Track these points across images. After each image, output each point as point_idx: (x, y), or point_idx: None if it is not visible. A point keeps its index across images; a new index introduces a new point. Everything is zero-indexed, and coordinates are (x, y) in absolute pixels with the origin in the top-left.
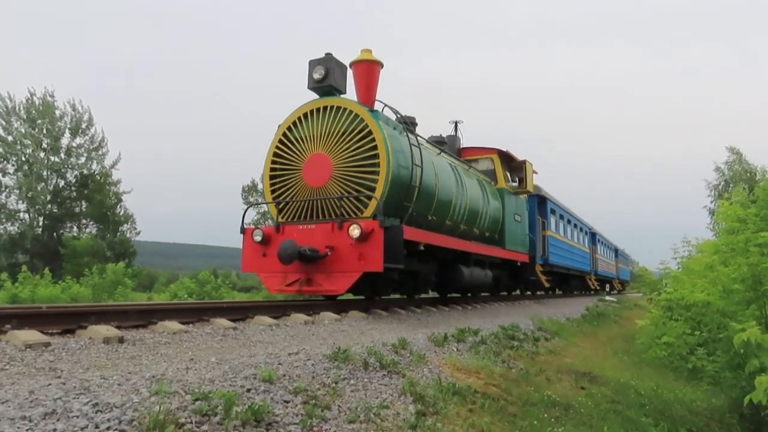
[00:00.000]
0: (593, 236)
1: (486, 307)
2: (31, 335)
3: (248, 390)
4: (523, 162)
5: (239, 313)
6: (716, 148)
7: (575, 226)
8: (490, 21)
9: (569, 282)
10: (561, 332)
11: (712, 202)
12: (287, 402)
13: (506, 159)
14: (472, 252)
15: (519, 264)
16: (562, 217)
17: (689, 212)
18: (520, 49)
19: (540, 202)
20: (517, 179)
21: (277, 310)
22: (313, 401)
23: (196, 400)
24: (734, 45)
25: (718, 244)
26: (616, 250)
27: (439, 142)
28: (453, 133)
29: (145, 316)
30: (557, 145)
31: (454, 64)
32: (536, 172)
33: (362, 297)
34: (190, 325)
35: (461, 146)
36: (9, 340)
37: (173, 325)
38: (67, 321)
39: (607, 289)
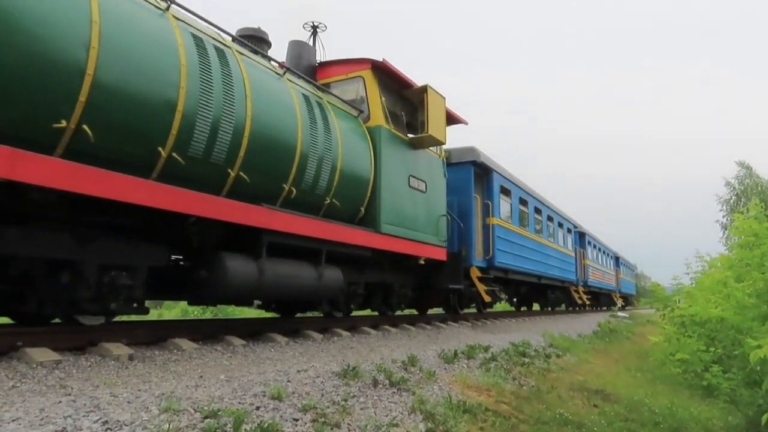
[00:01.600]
0: (581, 237)
1: (497, 323)
2: (43, 353)
3: (257, 408)
4: (423, 90)
5: (250, 329)
6: (726, 161)
7: (550, 219)
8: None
9: (545, 294)
10: (572, 349)
11: (724, 216)
12: (296, 420)
13: (389, 81)
14: (261, 228)
15: (422, 262)
16: (524, 202)
17: (701, 226)
18: (525, 66)
19: (480, 173)
20: (418, 121)
21: (289, 326)
22: (323, 419)
23: (206, 417)
24: (747, 58)
25: (731, 259)
26: (617, 258)
27: (253, 38)
28: (310, 42)
29: (155, 333)
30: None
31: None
32: (464, 122)
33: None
34: (200, 342)
35: (320, 61)
36: (20, 357)
37: (183, 342)
38: (77, 338)
39: (619, 305)
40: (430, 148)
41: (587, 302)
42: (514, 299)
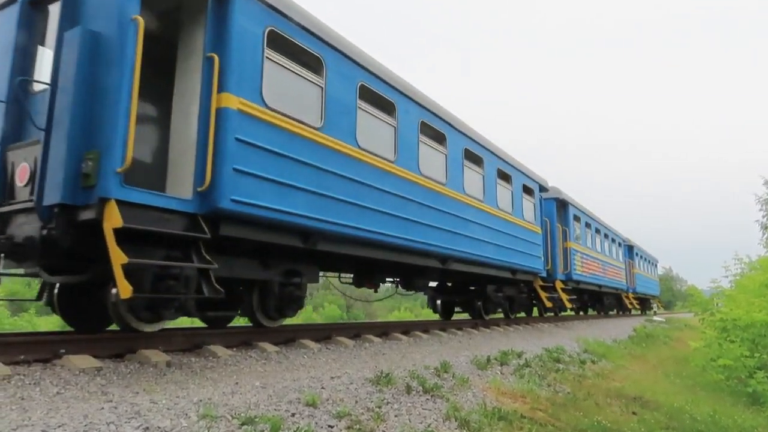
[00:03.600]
0: (561, 206)
1: (528, 328)
2: (84, 360)
3: (292, 414)
4: None
5: (282, 336)
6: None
7: (474, 159)
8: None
9: (483, 292)
10: (608, 354)
11: (764, 216)
12: (331, 427)
13: None
14: None
15: None
16: (380, 102)
17: (739, 227)
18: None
19: None
20: None
21: (320, 332)
22: (358, 426)
23: (243, 424)
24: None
25: None
26: (630, 247)
27: None
28: None
29: (190, 340)
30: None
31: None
32: None
33: None
34: (235, 348)
35: None
36: (63, 365)
37: (218, 349)
38: (117, 346)
39: (655, 309)
40: None
41: (569, 305)
42: (456, 302)
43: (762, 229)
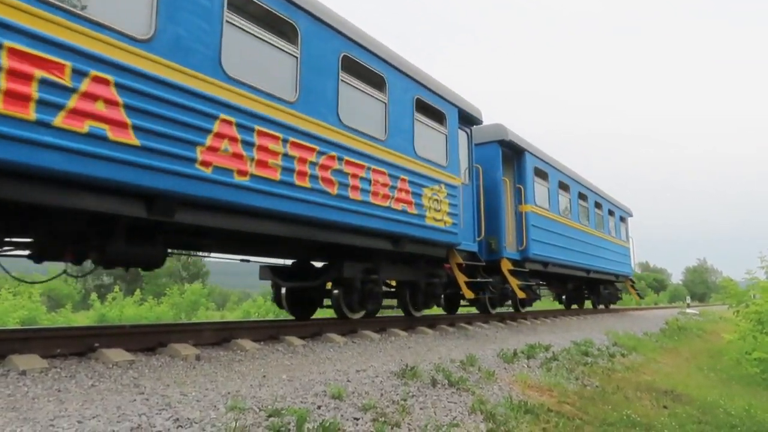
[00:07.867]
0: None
1: (556, 321)
2: (118, 353)
3: (318, 407)
4: None
5: (309, 330)
6: None
7: None
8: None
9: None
10: (638, 348)
11: None
12: (357, 419)
13: None
14: None
15: None
16: None
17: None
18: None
19: None
20: None
21: (346, 326)
22: (383, 418)
23: (270, 416)
24: None
25: None
26: (518, 153)
27: None
28: None
29: (219, 334)
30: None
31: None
32: None
33: None
34: (262, 342)
35: None
36: (98, 358)
37: (246, 342)
38: (149, 339)
39: (688, 301)
40: None
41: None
42: None
43: None
